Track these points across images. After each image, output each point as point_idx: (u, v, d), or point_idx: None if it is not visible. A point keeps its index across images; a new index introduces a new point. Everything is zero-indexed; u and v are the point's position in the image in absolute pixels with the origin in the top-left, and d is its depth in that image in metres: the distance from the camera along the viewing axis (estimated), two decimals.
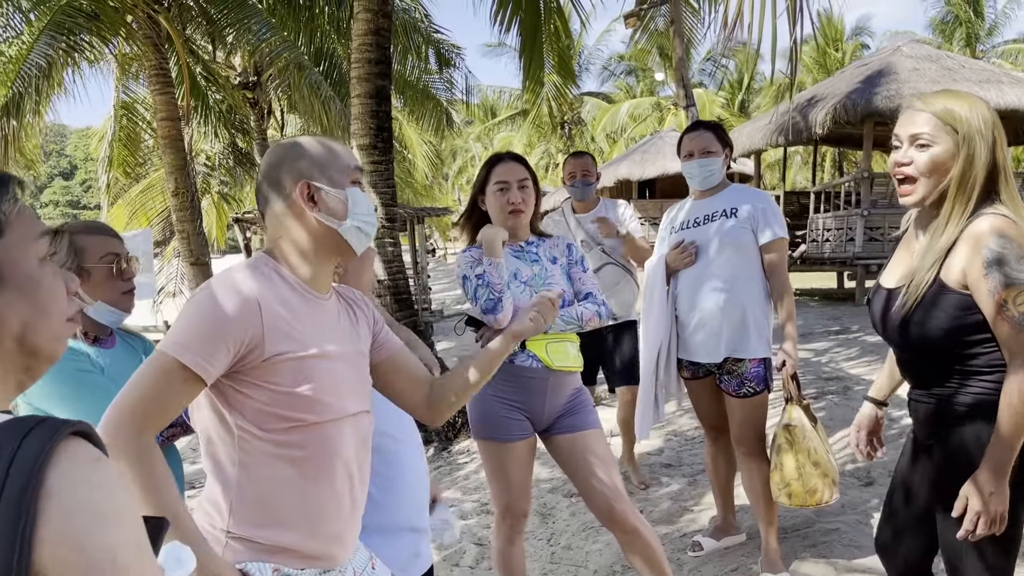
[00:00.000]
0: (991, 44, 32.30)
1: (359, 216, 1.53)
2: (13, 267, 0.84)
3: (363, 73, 5.89)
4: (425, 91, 14.13)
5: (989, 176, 1.75)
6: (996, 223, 1.70)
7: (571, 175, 4.25)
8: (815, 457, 2.90)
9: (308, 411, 1.45)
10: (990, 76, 10.78)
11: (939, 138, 1.77)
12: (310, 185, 1.49)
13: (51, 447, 0.72)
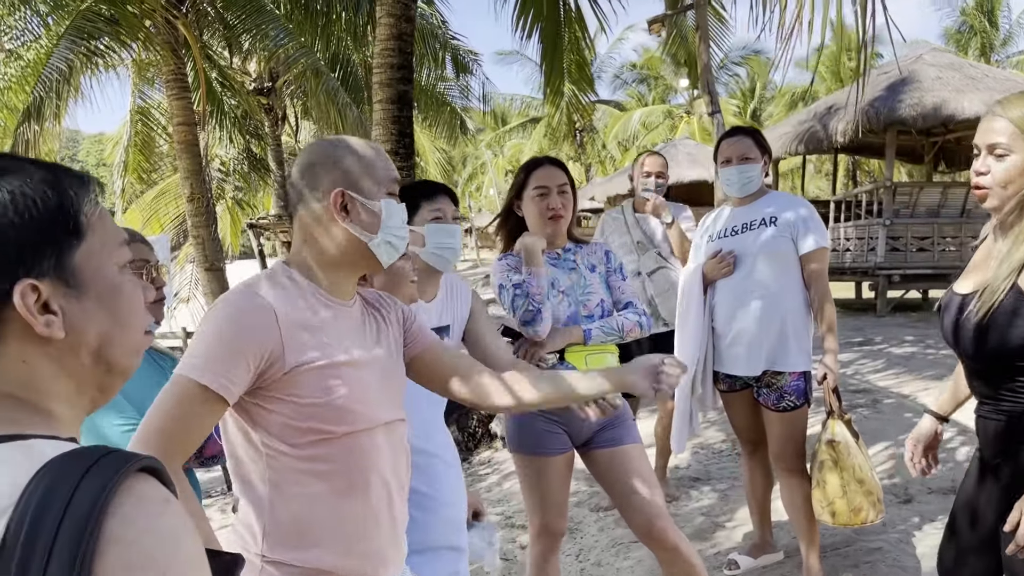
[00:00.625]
0: (1006, 54, 32.13)
1: (391, 230, 1.46)
2: (94, 274, 0.77)
3: (385, 78, 5.82)
4: (441, 98, 14.11)
5: None
6: None
7: (648, 173, 4.18)
8: (860, 475, 2.81)
9: (336, 422, 1.38)
10: (1014, 86, 10.64)
11: (1016, 146, 1.72)
12: (344, 195, 1.42)
13: (114, 487, 0.64)
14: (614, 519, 4.00)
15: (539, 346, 2.50)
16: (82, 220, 0.77)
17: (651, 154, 4.31)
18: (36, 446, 0.68)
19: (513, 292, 2.52)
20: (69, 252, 0.75)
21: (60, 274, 0.74)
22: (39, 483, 0.63)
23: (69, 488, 0.63)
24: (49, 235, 0.74)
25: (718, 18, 8.18)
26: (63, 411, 0.78)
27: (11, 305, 0.72)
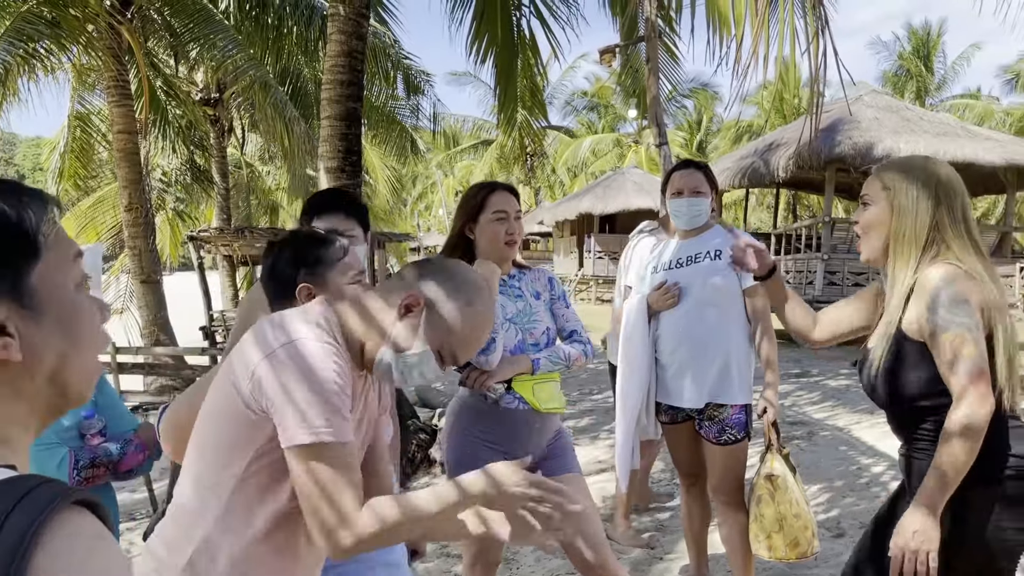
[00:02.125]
0: (940, 98, 33.46)
1: (405, 367, 1.42)
2: (51, 294, 0.75)
3: (334, 95, 5.75)
4: (391, 116, 14.03)
5: (936, 229, 1.85)
6: (944, 271, 1.79)
7: None
8: (796, 509, 2.81)
9: None
10: (947, 129, 11.07)
11: (876, 198, 1.94)
12: (420, 304, 1.41)
13: (45, 519, 0.60)
14: (551, 551, 3.96)
15: (488, 375, 2.46)
16: (40, 240, 0.74)
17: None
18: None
19: None
20: (27, 272, 0.73)
21: (16, 296, 0.72)
22: None
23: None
24: (7, 257, 0.72)
25: (668, 52, 8.31)
26: (13, 434, 0.75)
27: None
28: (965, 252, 1.83)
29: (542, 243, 39.70)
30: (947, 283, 1.77)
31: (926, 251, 1.85)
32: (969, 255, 1.83)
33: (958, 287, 1.76)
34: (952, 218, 1.85)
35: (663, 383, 3.16)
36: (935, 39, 33.26)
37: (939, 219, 1.84)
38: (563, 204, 23.33)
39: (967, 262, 1.81)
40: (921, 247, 1.85)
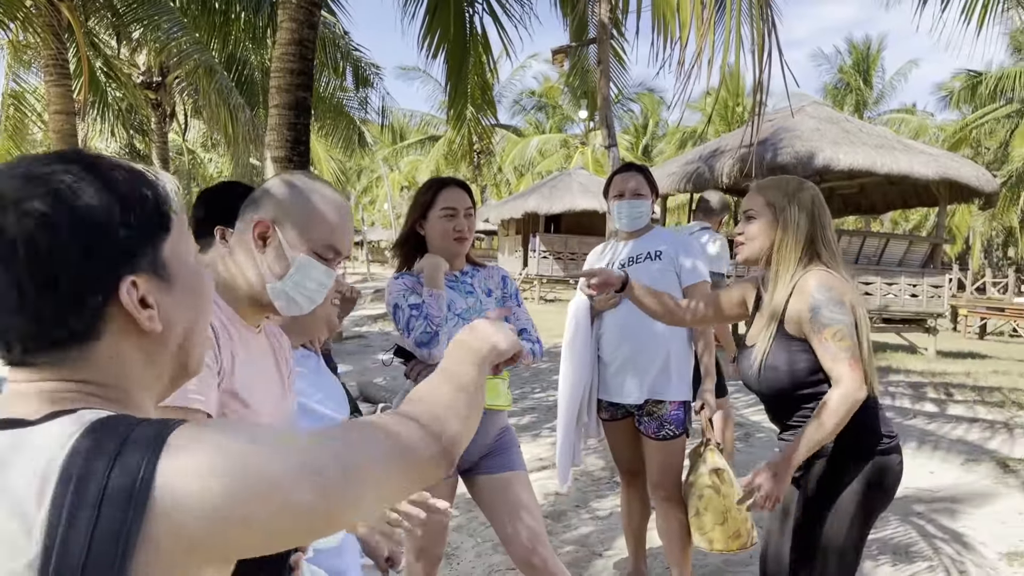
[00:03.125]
0: (878, 111, 34.50)
1: (297, 284, 1.39)
2: (180, 265, 0.80)
3: (283, 83, 5.67)
4: (339, 108, 13.88)
5: (811, 242, 2.17)
6: (820, 277, 2.10)
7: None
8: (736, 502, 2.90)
9: None
10: (884, 142, 11.40)
11: (762, 213, 2.24)
12: (269, 227, 1.37)
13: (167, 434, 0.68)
14: (492, 545, 3.98)
15: (432, 369, 2.45)
16: (170, 214, 0.80)
17: None
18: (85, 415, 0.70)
19: (409, 312, 2.47)
20: (161, 246, 0.79)
21: (154, 268, 0.77)
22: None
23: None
24: (148, 231, 0.77)
25: (616, 55, 8.40)
26: (146, 403, 0.81)
27: (114, 302, 0.74)
28: (832, 261, 2.17)
29: (487, 241, 39.71)
30: (826, 287, 2.07)
31: (802, 259, 2.17)
32: (835, 263, 2.17)
33: (835, 290, 2.07)
34: (823, 233, 2.18)
35: (604, 380, 3.23)
36: (875, 54, 34.27)
37: (814, 234, 2.17)
38: (509, 203, 23.34)
39: (833, 266, 2.15)
40: (799, 256, 2.17)
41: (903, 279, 11.97)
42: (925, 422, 6.42)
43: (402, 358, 2.53)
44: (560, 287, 22.89)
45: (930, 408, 7.11)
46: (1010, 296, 25.77)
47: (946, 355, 12.84)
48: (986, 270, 31.26)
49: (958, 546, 3.81)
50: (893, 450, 2.15)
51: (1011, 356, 13.91)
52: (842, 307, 2.06)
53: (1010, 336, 20.24)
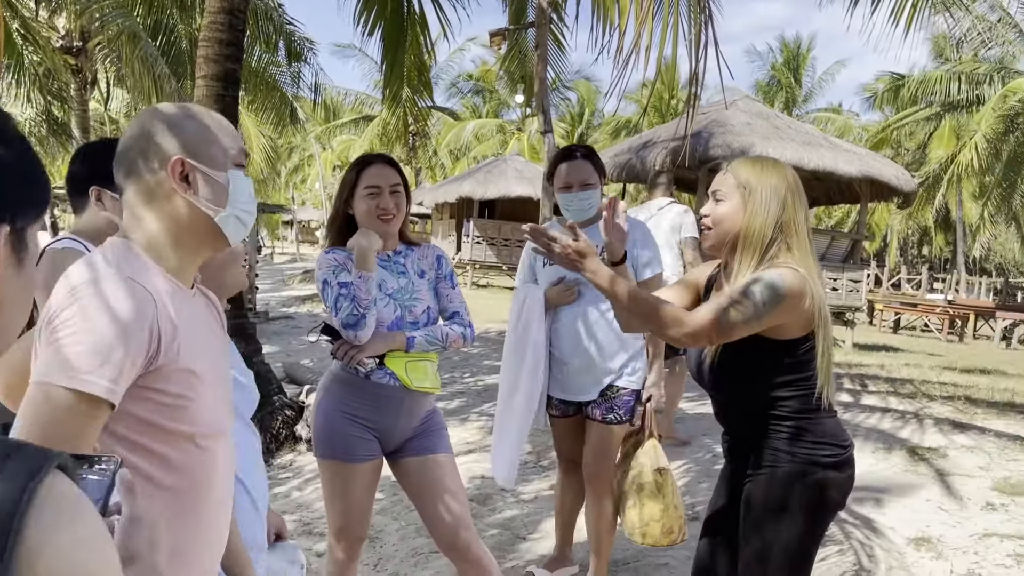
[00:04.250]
0: (806, 109, 35.46)
1: (240, 204, 1.31)
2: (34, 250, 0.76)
3: (212, 53, 5.49)
4: (271, 82, 13.54)
5: (781, 231, 1.96)
6: (781, 269, 1.91)
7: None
8: (676, 500, 2.89)
9: (192, 423, 1.23)
10: (811, 139, 11.71)
11: (731, 195, 2.02)
12: (185, 163, 1.26)
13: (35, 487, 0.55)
14: (416, 528, 3.95)
15: (359, 350, 2.41)
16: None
17: None
18: None
19: (338, 291, 2.41)
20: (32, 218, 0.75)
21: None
22: None
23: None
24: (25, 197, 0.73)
25: (555, 40, 8.40)
26: None
27: None
28: (802, 253, 1.96)
29: (420, 225, 39.44)
30: (782, 277, 1.88)
31: (768, 249, 1.96)
32: (804, 255, 1.96)
33: (787, 286, 1.87)
34: (796, 221, 1.98)
35: (559, 378, 3.14)
36: (805, 53, 35.20)
37: (785, 221, 1.96)
38: (443, 186, 23.21)
39: (804, 263, 1.94)
40: (765, 245, 1.96)
41: (825, 273, 12.35)
42: (841, 412, 6.61)
43: (329, 337, 2.47)
44: (493, 273, 22.89)
45: (846, 398, 7.35)
46: (923, 293, 26.86)
47: (862, 347, 13.33)
48: (902, 267, 32.52)
49: (868, 531, 3.94)
50: (844, 463, 2.03)
51: (922, 350, 14.52)
52: (774, 297, 1.86)
53: (922, 331, 21.13)
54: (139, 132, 1.28)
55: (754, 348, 1.96)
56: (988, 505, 4.30)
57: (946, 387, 8.22)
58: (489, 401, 6.73)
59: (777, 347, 1.96)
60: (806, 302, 1.91)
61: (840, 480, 2.02)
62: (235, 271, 1.80)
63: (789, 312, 1.90)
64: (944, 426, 6.10)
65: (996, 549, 3.70)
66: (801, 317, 1.93)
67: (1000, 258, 43.94)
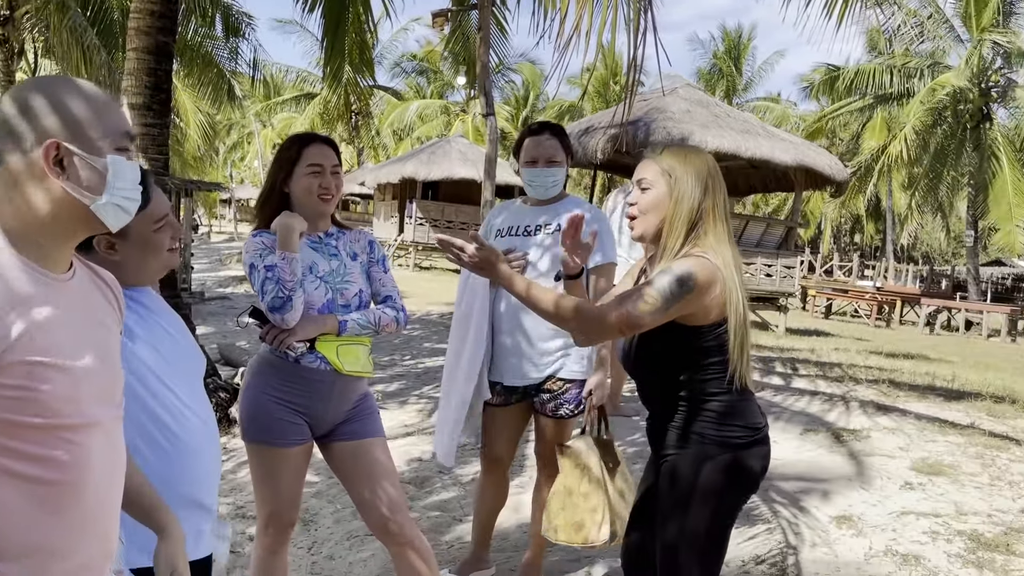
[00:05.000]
0: (745, 98, 36.08)
1: (120, 191, 1.22)
2: None
3: (143, 25, 5.33)
4: (207, 57, 13.19)
5: (702, 217, 2.01)
6: (694, 259, 1.95)
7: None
8: (585, 489, 2.72)
9: (48, 416, 1.16)
10: (749, 127, 11.93)
11: (657, 183, 2.05)
12: (60, 147, 1.17)
13: None
14: (351, 511, 3.94)
15: (288, 333, 2.38)
16: None
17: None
18: None
19: (264, 275, 2.37)
20: None
21: None
22: None
23: None
24: None
25: (498, 23, 8.36)
26: None
27: None
28: (720, 237, 2.01)
29: (362, 205, 39.01)
30: (693, 266, 1.92)
31: (690, 235, 2.01)
32: (722, 242, 2.01)
33: (698, 275, 1.90)
34: (716, 205, 2.03)
35: (500, 361, 3.04)
36: (745, 43, 35.79)
37: (705, 207, 2.01)
38: (386, 167, 22.99)
39: (718, 248, 1.99)
40: (687, 231, 2.01)
41: (760, 259, 12.63)
42: (771, 394, 6.82)
43: (258, 320, 2.44)
44: (436, 255, 22.80)
45: (777, 381, 7.56)
46: (854, 279, 27.71)
47: (794, 332, 13.70)
48: (834, 254, 33.45)
49: (794, 510, 4.08)
50: (758, 442, 2.08)
51: (851, 335, 14.99)
52: (681, 288, 1.90)
53: (851, 316, 21.81)
54: (15, 106, 1.19)
55: (669, 334, 2.00)
56: (906, 484, 4.48)
57: (872, 371, 8.52)
58: (429, 384, 6.73)
59: (690, 333, 2.00)
60: (715, 290, 1.94)
61: (751, 461, 2.07)
62: (158, 261, 1.76)
63: (697, 301, 1.93)
64: (868, 408, 6.32)
65: (912, 526, 3.87)
66: (712, 305, 1.96)
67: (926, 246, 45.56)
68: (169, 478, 1.68)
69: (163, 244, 1.78)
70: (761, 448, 2.10)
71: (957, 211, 30.60)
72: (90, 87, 1.25)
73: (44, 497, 1.18)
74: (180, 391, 1.76)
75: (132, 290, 1.76)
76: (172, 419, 1.72)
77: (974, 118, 22.21)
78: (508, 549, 3.60)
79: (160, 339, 1.75)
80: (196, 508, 1.76)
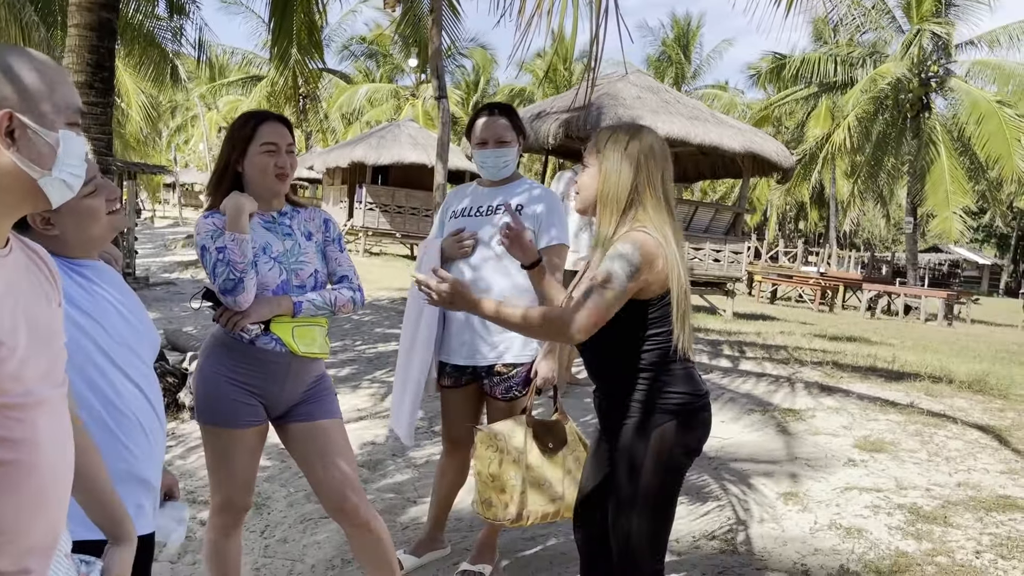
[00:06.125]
0: (694, 86, 36.47)
1: (68, 167, 1.21)
2: None
3: (85, 1, 5.17)
4: (149, 36, 12.85)
5: (637, 192, 2.11)
6: (635, 236, 2.05)
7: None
8: (495, 470, 2.74)
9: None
10: (698, 114, 12.07)
11: (591, 161, 2.19)
12: (13, 118, 1.14)
13: None
14: (304, 495, 3.92)
15: (242, 315, 2.35)
16: None
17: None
18: None
19: (216, 256, 2.33)
20: None
21: None
22: None
23: None
24: None
25: (451, 7, 8.31)
26: None
27: None
28: (658, 212, 2.11)
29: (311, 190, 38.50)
30: (632, 244, 2.02)
31: (627, 211, 2.11)
32: (660, 215, 2.10)
33: (639, 250, 2.01)
34: (651, 183, 2.11)
35: (451, 340, 3.04)
36: (694, 30, 36.13)
37: (638, 183, 2.10)
38: (335, 151, 22.68)
39: (657, 223, 2.08)
40: (622, 207, 2.11)
41: (708, 245, 12.82)
42: (720, 377, 6.95)
43: (211, 303, 2.40)
44: (386, 240, 22.64)
45: (725, 364, 7.70)
46: (798, 265, 28.30)
47: (741, 316, 13.96)
48: (780, 240, 34.10)
49: (744, 487, 4.18)
50: (696, 410, 2.16)
51: (796, 319, 15.35)
52: (630, 267, 2.00)
53: (796, 301, 22.31)
54: None
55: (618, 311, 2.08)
56: (849, 461, 4.62)
57: (816, 353, 8.74)
58: (381, 368, 6.71)
59: (636, 306, 2.09)
60: (659, 263, 2.05)
61: (695, 425, 2.18)
62: (96, 230, 1.73)
63: (646, 276, 2.04)
64: (813, 389, 6.49)
65: (855, 501, 3.99)
66: (657, 278, 2.07)
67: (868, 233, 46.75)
68: (110, 453, 1.65)
69: (99, 208, 1.73)
70: (703, 413, 2.20)
71: (897, 198, 31.47)
72: (43, 58, 1.22)
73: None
74: (127, 368, 1.73)
75: (77, 263, 1.72)
76: (117, 396, 1.70)
77: (914, 107, 22.81)
78: (463, 529, 3.62)
79: (105, 312, 1.71)
80: (136, 483, 1.73)
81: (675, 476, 2.20)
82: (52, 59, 1.26)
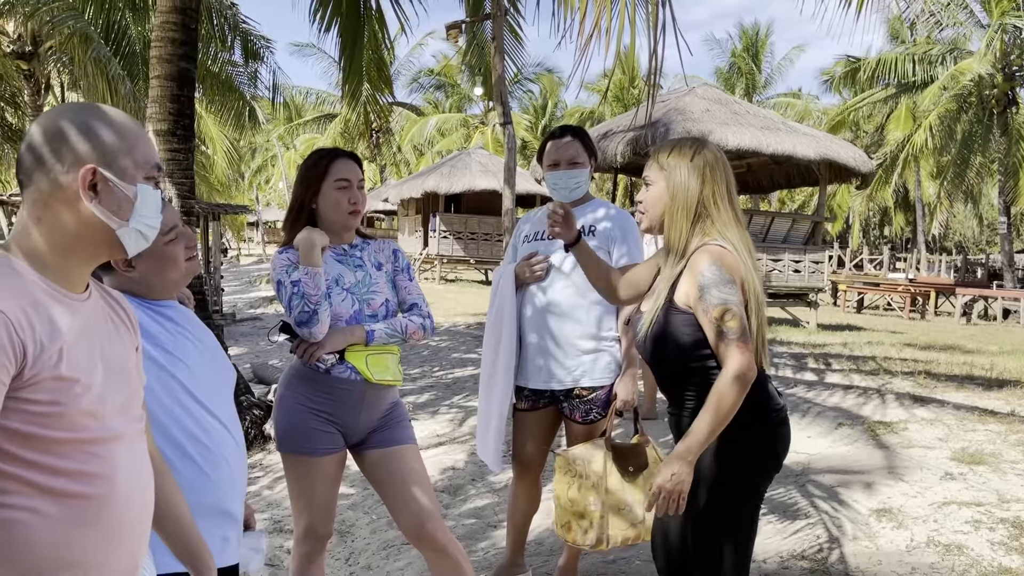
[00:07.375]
0: (766, 95, 35.84)
1: (144, 219, 1.28)
2: None
3: (165, 53, 5.43)
4: (228, 82, 13.39)
5: (702, 205, 2.09)
6: (713, 251, 2.03)
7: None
8: (574, 495, 2.74)
9: (71, 430, 1.18)
10: (770, 123, 11.85)
11: (656, 178, 2.15)
12: (96, 173, 1.22)
13: None
14: (387, 521, 3.97)
15: (317, 346, 2.41)
16: None
17: None
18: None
19: (291, 290, 2.40)
20: None
21: None
22: None
23: None
24: None
25: (513, 32, 8.40)
26: None
27: None
28: (726, 226, 2.09)
29: (387, 221, 39.28)
30: (716, 264, 2.00)
31: (695, 224, 2.10)
32: (730, 228, 2.09)
33: (725, 268, 2.00)
34: (717, 195, 2.10)
35: (527, 364, 3.03)
36: (763, 39, 35.54)
37: (705, 196, 2.09)
38: (408, 182, 23.14)
39: (729, 236, 2.07)
40: (691, 221, 2.09)
41: (787, 255, 12.52)
42: (805, 390, 6.75)
43: (288, 335, 2.47)
44: (461, 267, 22.88)
45: (810, 377, 7.48)
46: (885, 272, 27.31)
47: (826, 327, 13.54)
48: (864, 248, 33.02)
49: (834, 503, 4.03)
50: (778, 422, 2.12)
51: (884, 328, 14.79)
52: (731, 285, 1.99)
53: (884, 310, 21.49)
54: (51, 130, 1.24)
55: (684, 320, 2.06)
56: (947, 475, 4.41)
57: (907, 363, 8.40)
58: (459, 394, 6.76)
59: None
60: (740, 271, 2.03)
61: (773, 441, 2.12)
62: (170, 276, 1.83)
63: (740, 282, 2.02)
64: (905, 400, 6.24)
65: (954, 516, 3.81)
66: None
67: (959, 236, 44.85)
68: (196, 488, 1.72)
69: (178, 255, 1.83)
70: (782, 428, 2.14)
71: (989, 198, 30.13)
72: (121, 115, 1.30)
73: (75, 511, 1.20)
74: (209, 403, 1.80)
75: (158, 304, 1.82)
76: (201, 431, 1.76)
77: (1000, 103, 21.86)
78: (544, 553, 3.60)
79: (187, 352, 1.79)
80: (221, 516, 1.79)
81: (756, 493, 2.14)
82: (133, 117, 1.34)
